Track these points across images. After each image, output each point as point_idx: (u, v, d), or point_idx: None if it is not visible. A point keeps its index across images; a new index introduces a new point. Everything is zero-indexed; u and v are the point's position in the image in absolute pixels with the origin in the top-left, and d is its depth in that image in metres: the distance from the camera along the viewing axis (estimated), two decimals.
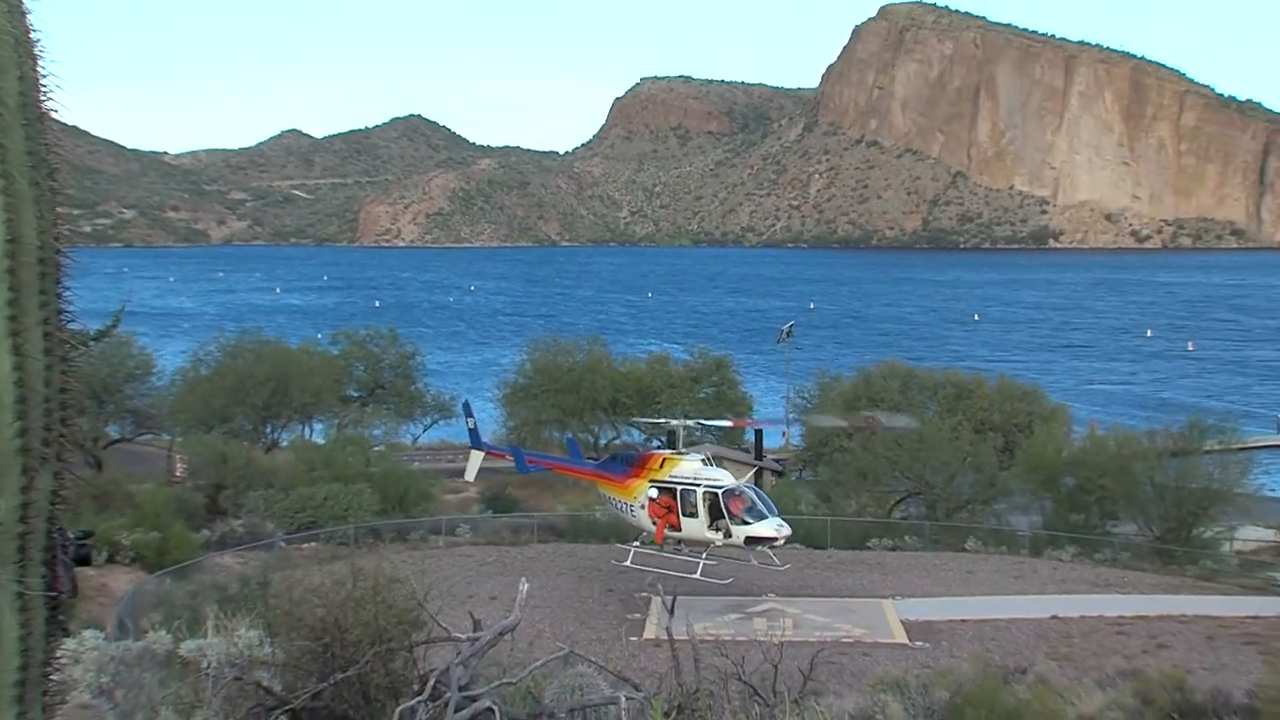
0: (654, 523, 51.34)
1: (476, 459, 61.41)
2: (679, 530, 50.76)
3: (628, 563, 53.85)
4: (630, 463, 54.86)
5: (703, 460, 52.44)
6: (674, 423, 56.82)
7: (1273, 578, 66.37)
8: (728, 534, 49.25)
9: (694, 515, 49.80)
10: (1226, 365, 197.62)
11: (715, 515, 49.25)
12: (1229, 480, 73.17)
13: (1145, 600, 55.43)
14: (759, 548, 50.19)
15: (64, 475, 7.47)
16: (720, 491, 49.44)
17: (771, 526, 49.11)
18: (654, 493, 51.44)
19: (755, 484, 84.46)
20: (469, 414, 63.51)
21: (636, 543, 54.68)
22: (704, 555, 50.82)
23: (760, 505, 49.94)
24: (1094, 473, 74.08)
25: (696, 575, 49.89)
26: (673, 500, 50.56)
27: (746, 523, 48.89)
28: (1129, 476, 72.92)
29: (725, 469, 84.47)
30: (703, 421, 55.96)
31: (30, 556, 7.19)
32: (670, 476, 51.20)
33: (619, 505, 54.78)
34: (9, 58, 7.24)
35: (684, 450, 53.47)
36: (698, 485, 49.94)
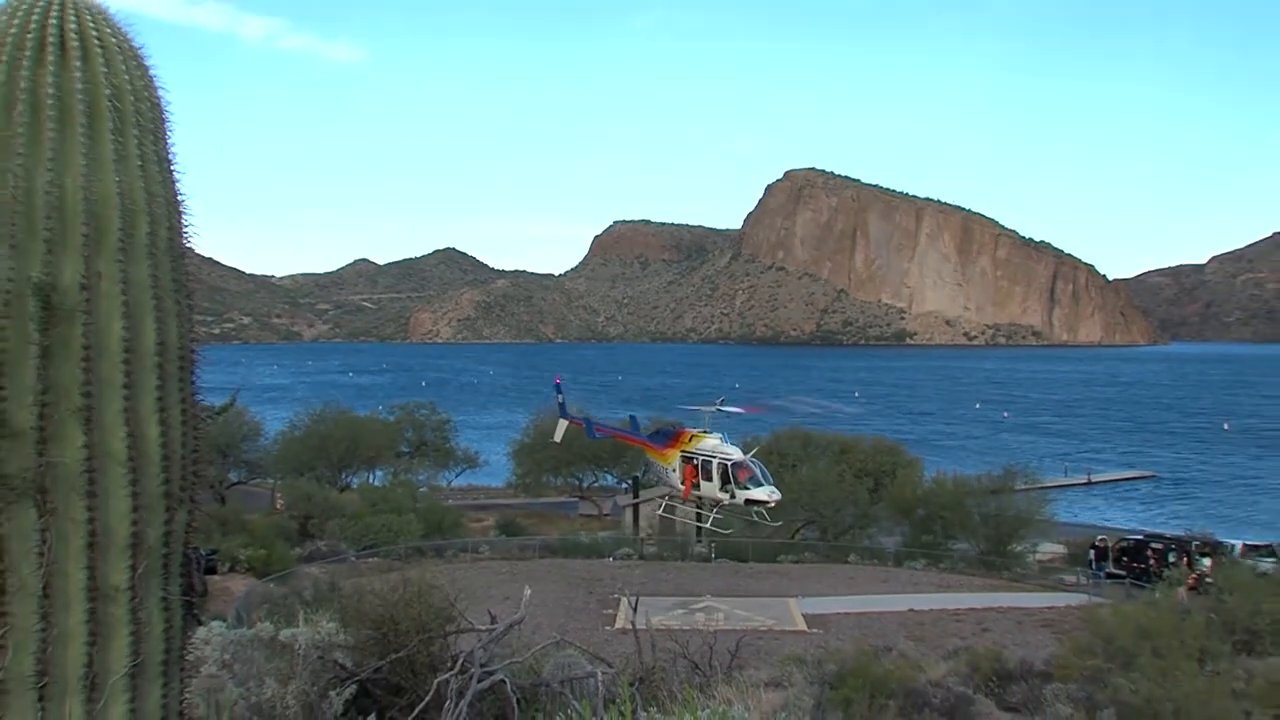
0: (683, 482, 50.69)
1: (563, 425, 59.43)
2: (698, 489, 50.05)
3: (660, 512, 54.94)
4: (669, 437, 53.67)
5: (719, 439, 51.19)
6: (703, 409, 54.46)
7: (1061, 579, 66.67)
8: (733, 495, 48.64)
9: (710, 479, 49.21)
10: (1027, 427, 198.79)
11: (725, 480, 48.66)
12: (1032, 510, 73.61)
13: (974, 597, 55.52)
14: (755, 508, 49.37)
15: (195, 511, 7.65)
16: (730, 463, 48.77)
17: (765, 492, 48.63)
18: (683, 460, 50.82)
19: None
20: (559, 392, 62.23)
21: (666, 498, 54.23)
22: (714, 511, 50.25)
23: (759, 475, 49.20)
24: (938, 506, 74.41)
25: (708, 525, 50.50)
26: (695, 467, 49.99)
27: (747, 488, 48.24)
28: (962, 508, 73.24)
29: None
30: (721, 408, 54.52)
31: (171, 570, 7.35)
32: (696, 449, 50.50)
33: (659, 468, 53.77)
34: (161, 214, 7.28)
35: (707, 430, 52.08)
36: (714, 457, 49.27)
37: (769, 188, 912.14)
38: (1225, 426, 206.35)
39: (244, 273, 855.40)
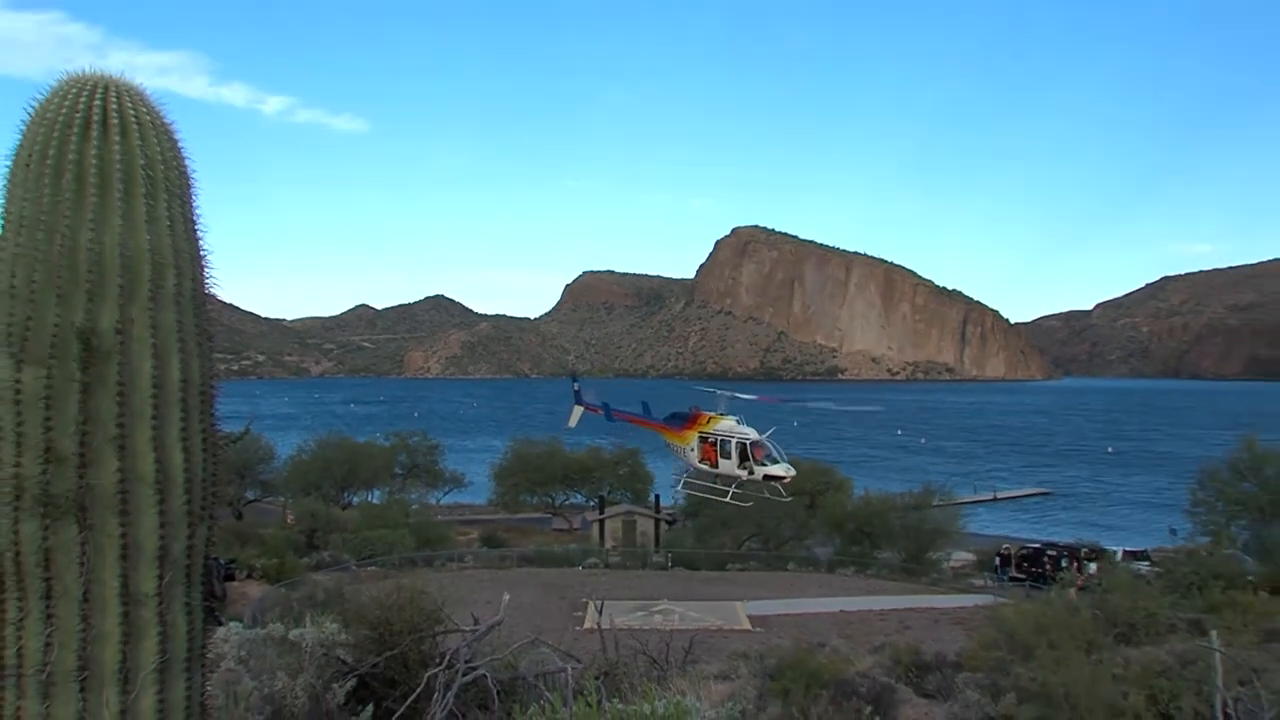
0: (702, 460, 47.23)
1: (577, 411, 55.22)
2: (716, 467, 46.76)
3: (679, 488, 51.36)
4: (684, 419, 50.20)
5: (735, 420, 47.87)
6: (721, 393, 50.47)
7: (971, 583, 66.94)
8: (751, 471, 45.41)
9: (729, 457, 45.91)
10: (940, 451, 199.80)
11: (743, 458, 45.54)
12: (946, 523, 74.00)
13: (896, 599, 55.59)
14: (773, 483, 46.14)
15: (214, 526, 7.68)
16: (748, 441, 45.75)
17: (783, 468, 45.62)
18: (700, 440, 47.65)
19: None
20: (574, 380, 60.48)
21: (685, 475, 50.07)
22: (733, 486, 46.71)
23: (775, 453, 46.22)
24: (865, 520, 74.56)
25: (727, 500, 47.27)
26: (713, 446, 46.92)
27: (764, 464, 45.13)
28: (886, 522, 73.50)
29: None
30: (735, 395, 52.36)
31: (193, 579, 7.40)
32: (714, 430, 47.22)
33: (677, 448, 50.24)
34: (186, 268, 7.33)
35: (723, 414, 48.17)
36: (732, 437, 46.16)
37: (718, 242, 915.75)
38: (1109, 449, 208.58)
39: (260, 316, 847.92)
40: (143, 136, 7.21)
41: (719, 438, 46.86)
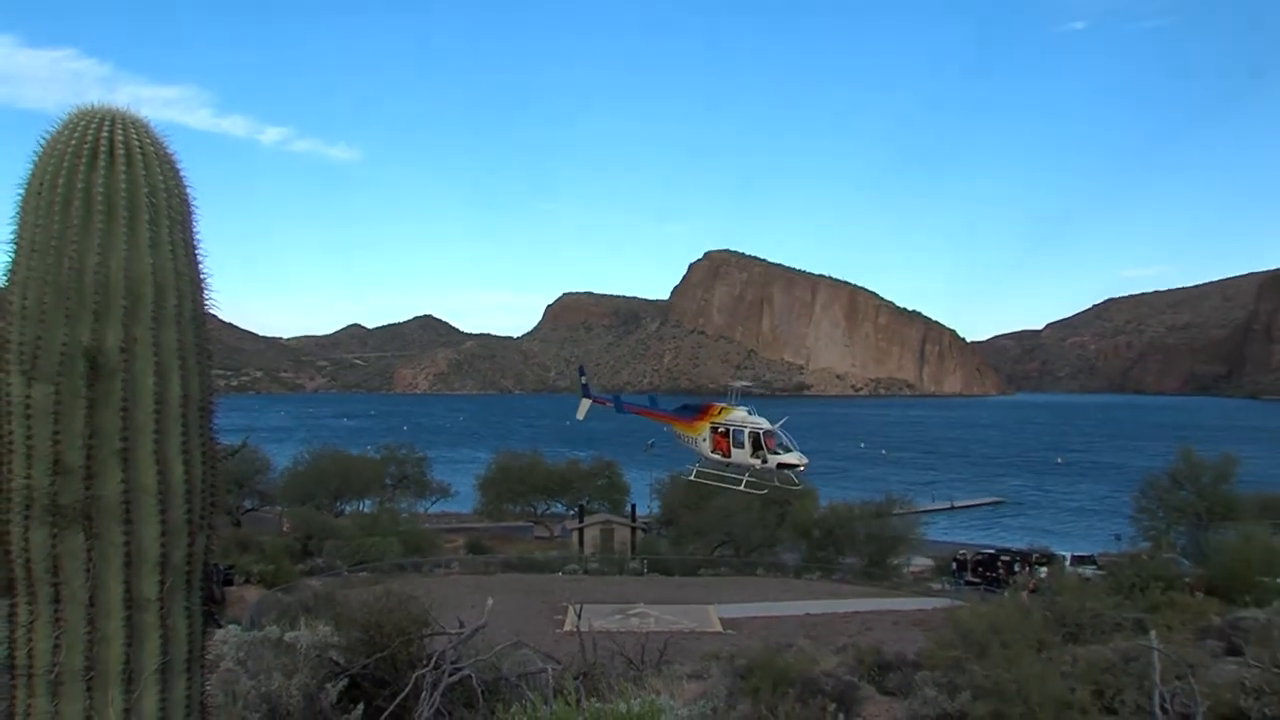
0: (714, 450, 45.15)
1: (585, 404, 53.70)
2: (729, 457, 44.99)
3: (692, 478, 48.81)
4: (696, 410, 48.32)
5: (747, 411, 46.13)
6: (735, 384, 48.95)
7: (930, 586, 67.15)
8: (765, 460, 43.82)
9: (741, 447, 44.17)
10: (900, 462, 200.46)
11: (756, 447, 43.82)
12: (906, 530, 74.21)
13: (859, 602, 55.74)
14: (786, 471, 44.41)
15: (213, 534, 7.64)
16: (761, 431, 43.99)
17: (796, 456, 44.10)
18: (712, 430, 45.53)
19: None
20: (582, 373, 58.53)
21: (698, 465, 47.45)
22: (746, 475, 44.87)
23: (787, 442, 44.56)
24: (830, 528, 74.78)
25: (741, 488, 45.51)
26: (726, 437, 44.92)
27: (778, 453, 43.61)
28: (850, 529, 73.72)
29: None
30: (749, 388, 50.58)
31: (193, 584, 7.38)
32: (726, 421, 45.35)
33: (688, 439, 47.95)
34: (186, 290, 7.35)
35: (734, 404, 46.45)
36: (745, 427, 44.39)
37: (691, 265, 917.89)
38: (1058, 460, 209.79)
39: (258, 335, 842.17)
40: (146, 166, 7.24)
41: (731, 428, 45.16)
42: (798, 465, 44.41)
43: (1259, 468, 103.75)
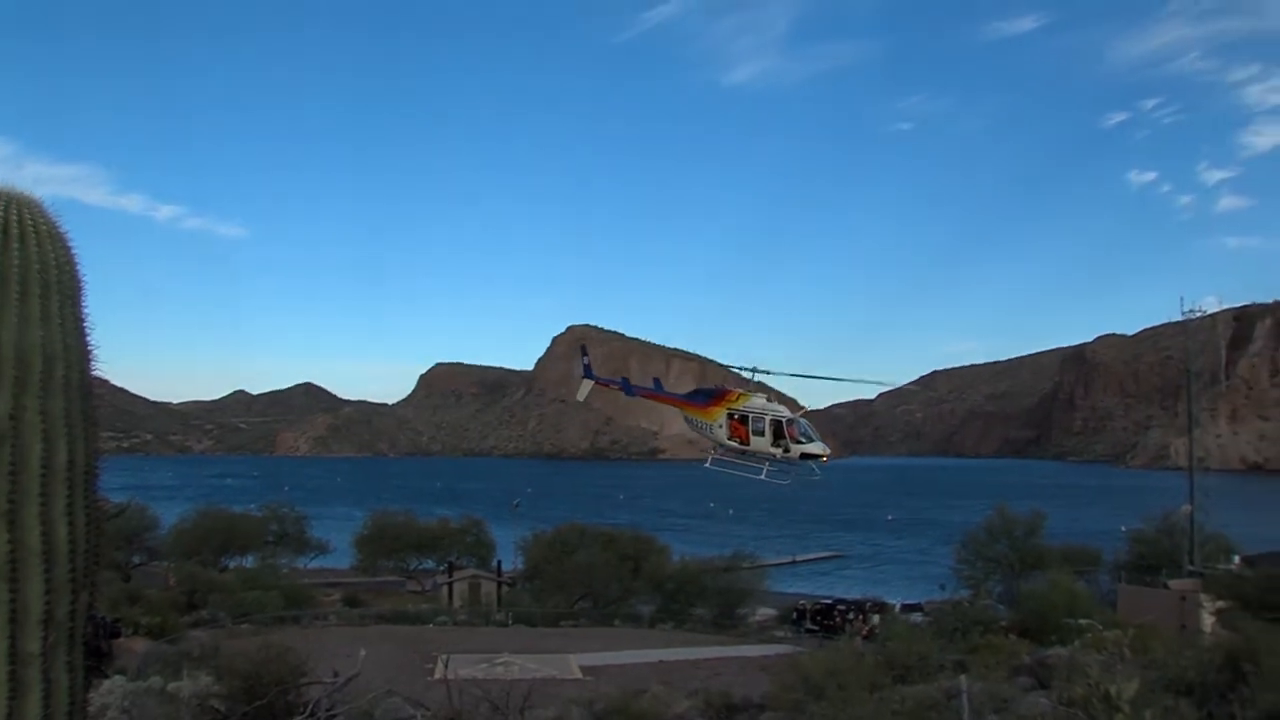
0: (731, 437, 42.23)
1: (587, 385, 51.63)
2: (747, 444, 41.74)
3: (708, 465, 45.40)
4: (710, 395, 45.62)
5: (766, 398, 43.47)
6: (746, 373, 45.07)
7: (774, 634, 68.04)
8: (786, 449, 40.50)
9: (761, 435, 40.91)
10: (745, 520, 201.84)
11: (778, 436, 40.61)
12: (751, 583, 75.35)
13: (709, 650, 55.99)
14: (808, 462, 41.32)
15: (95, 592, 7.51)
16: (784, 420, 41.06)
17: (819, 447, 41.28)
18: (728, 417, 42.47)
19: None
20: (584, 354, 54.46)
21: (715, 452, 44.76)
22: (767, 464, 41.62)
23: (811, 433, 41.31)
24: (682, 581, 75.27)
25: (762, 477, 41.92)
26: (744, 424, 41.76)
27: (801, 443, 40.36)
28: (700, 583, 74.34)
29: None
30: (766, 371, 47.38)
31: (75, 640, 7.22)
32: (744, 407, 42.35)
33: (702, 425, 44.84)
34: (74, 361, 7.33)
35: (751, 391, 44.05)
36: (765, 414, 41.28)
37: (555, 338, 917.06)
38: (889, 518, 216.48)
39: (149, 399, 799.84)
40: (39, 243, 7.26)
41: (750, 414, 42.17)
42: (821, 456, 42.00)
43: (1062, 522, 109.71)
